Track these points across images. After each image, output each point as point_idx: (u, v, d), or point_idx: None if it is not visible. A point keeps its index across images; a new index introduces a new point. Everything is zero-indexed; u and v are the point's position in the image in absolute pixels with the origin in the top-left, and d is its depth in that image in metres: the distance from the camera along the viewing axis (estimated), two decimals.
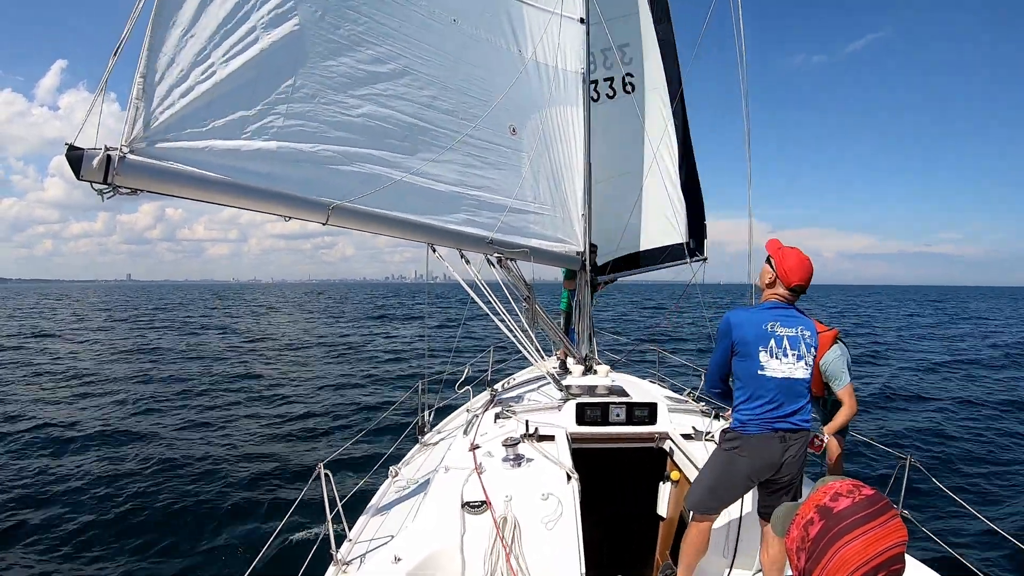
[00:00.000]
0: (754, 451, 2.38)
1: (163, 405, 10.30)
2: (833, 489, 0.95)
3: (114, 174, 2.00)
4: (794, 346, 2.37)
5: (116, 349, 18.37)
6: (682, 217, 5.74)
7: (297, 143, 2.73)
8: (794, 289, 2.43)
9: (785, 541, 1.01)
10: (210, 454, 7.37)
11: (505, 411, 3.57)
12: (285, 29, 2.61)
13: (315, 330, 26.11)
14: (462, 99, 3.76)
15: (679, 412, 3.62)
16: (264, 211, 2.60)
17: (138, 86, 2.07)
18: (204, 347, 19.16)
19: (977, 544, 4.96)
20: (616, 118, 5.82)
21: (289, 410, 9.96)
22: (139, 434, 8.36)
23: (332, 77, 2.89)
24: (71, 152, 1.92)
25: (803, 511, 0.97)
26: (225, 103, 2.37)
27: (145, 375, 13.41)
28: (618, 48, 5.67)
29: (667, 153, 5.75)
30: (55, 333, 24.20)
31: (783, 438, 2.37)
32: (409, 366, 14.80)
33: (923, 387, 12.26)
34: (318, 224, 2.83)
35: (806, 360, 2.38)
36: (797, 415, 2.38)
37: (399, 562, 2.11)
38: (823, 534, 0.91)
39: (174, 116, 2.19)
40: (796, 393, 2.38)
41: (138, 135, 2.09)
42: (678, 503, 3.18)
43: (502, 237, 3.96)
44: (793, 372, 2.36)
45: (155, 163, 2.15)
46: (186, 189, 2.28)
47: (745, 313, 2.44)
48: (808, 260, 2.41)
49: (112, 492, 6.07)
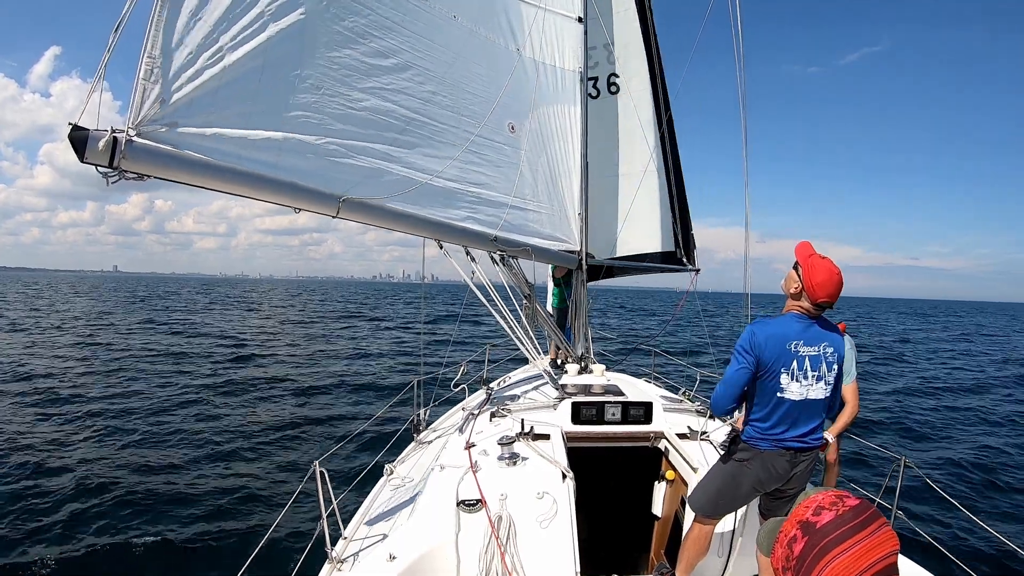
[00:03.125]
0: (763, 466, 2.36)
1: (154, 403, 10.09)
2: (815, 503, 0.90)
3: (120, 157, 1.93)
4: (815, 367, 2.27)
5: (105, 346, 17.94)
6: (667, 224, 5.75)
7: (303, 134, 2.69)
8: (820, 305, 2.27)
9: (771, 561, 0.96)
10: (204, 453, 7.24)
11: (501, 410, 3.56)
12: (292, 18, 2.58)
13: (310, 329, 25.81)
14: (462, 95, 3.76)
15: (674, 411, 3.64)
16: (274, 201, 2.55)
17: (146, 66, 2.00)
18: (195, 344, 18.82)
19: (974, 544, 5.07)
20: (600, 118, 5.71)
21: (284, 408, 9.84)
22: (131, 432, 8.17)
23: (336, 69, 2.86)
24: (75, 132, 1.84)
25: (786, 528, 0.92)
26: (233, 89, 2.32)
27: (134, 373, 13.12)
28: (603, 47, 5.63)
29: (652, 156, 5.71)
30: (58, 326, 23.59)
31: (793, 455, 2.35)
32: (405, 365, 14.71)
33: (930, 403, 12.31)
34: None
35: (826, 379, 2.30)
36: (811, 435, 2.35)
37: (394, 560, 2.11)
38: (808, 551, 0.85)
39: (182, 100, 2.13)
40: (812, 413, 2.32)
41: (146, 117, 2.03)
42: (673, 502, 3.19)
43: (505, 235, 3.97)
44: (810, 393, 2.28)
45: (163, 147, 2.08)
46: (194, 176, 2.22)
47: (770, 328, 2.29)
48: (839, 274, 2.24)
49: (104, 490, 5.93)
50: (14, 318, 26.76)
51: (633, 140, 5.71)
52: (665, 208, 5.82)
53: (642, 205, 5.80)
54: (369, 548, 2.33)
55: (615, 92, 5.75)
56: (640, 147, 5.71)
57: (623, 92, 5.74)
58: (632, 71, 5.74)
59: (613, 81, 5.75)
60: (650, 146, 5.70)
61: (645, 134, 5.69)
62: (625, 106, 5.73)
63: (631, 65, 5.74)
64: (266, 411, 9.65)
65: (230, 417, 9.20)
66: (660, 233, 5.83)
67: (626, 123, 5.69)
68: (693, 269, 5.81)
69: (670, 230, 5.83)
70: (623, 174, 5.84)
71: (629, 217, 5.84)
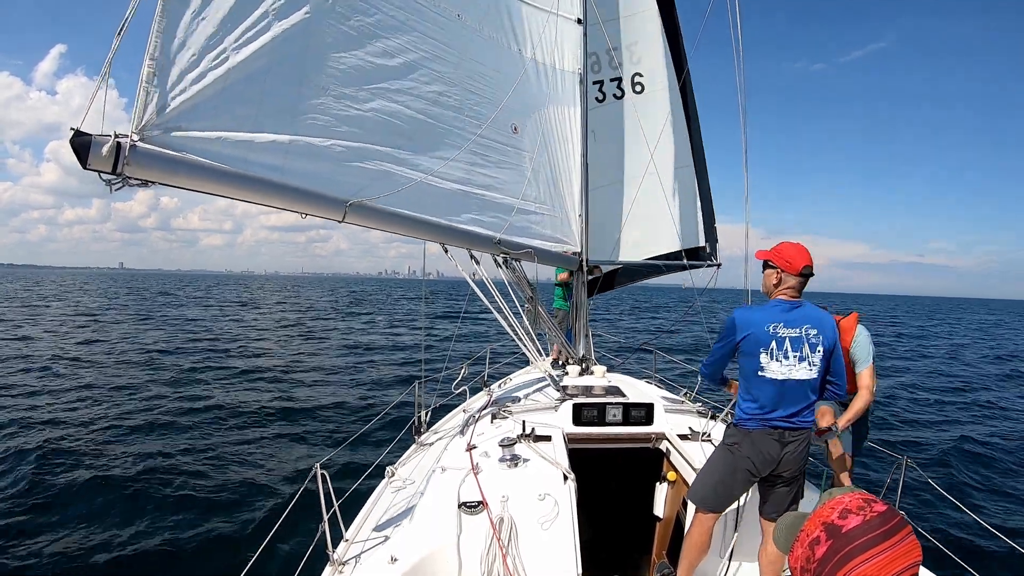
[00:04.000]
0: (752, 447, 2.44)
1: (155, 403, 10.05)
2: (842, 505, 0.86)
3: (124, 163, 1.89)
4: (796, 347, 2.37)
5: (103, 342, 17.87)
6: (696, 220, 5.70)
7: (309, 137, 2.66)
8: (803, 273, 2.41)
9: (788, 559, 0.92)
10: (205, 454, 7.21)
11: (502, 411, 3.56)
12: (296, 17, 2.54)
13: (311, 329, 25.76)
14: (467, 96, 3.74)
15: (676, 413, 3.64)
16: (280, 206, 2.52)
17: (149, 68, 1.97)
18: (197, 343, 18.77)
19: (973, 543, 5.09)
20: (624, 119, 5.71)
21: (285, 410, 9.78)
22: (132, 432, 8.13)
23: (342, 69, 2.83)
24: (77, 138, 1.80)
25: (808, 528, 0.89)
26: (238, 91, 2.29)
27: (134, 373, 13.08)
28: (626, 47, 5.59)
29: (679, 154, 5.67)
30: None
31: (781, 436, 2.42)
32: (406, 366, 14.68)
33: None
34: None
35: (810, 360, 2.38)
36: (798, 416, 2.42)
37: (395, 562, 2.11)
38: (831, 556, 0.82)
39: (186, 103, 2.09)
40: (798, 393, 2.40)
41: (149, 121, 1.99)
42: (674, 503, 3.20)
43: (508, 237, 3.97)
44: (793, 373, 2.38)
45: (168, 153, 2.05)
46: (199, 181, 2.19)
47: (750, 312, 2.46)
48: (803, 245, 2.46)
49: (104, 489, 5.90)
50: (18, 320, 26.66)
51: (658, 139, 5.59)
52: (688, 204, 5.75)
53: (666, 205, 5.69)
54: (370, 550, 2.33)
55: (640, 92, 5.70)
56: (661, 146, 5.61)
57: (648, 92, 5.69)
58: (656, 68, 5.68)
59: (638, 81, 5.70)
60: (682, 142, 5.67)
61: (670, 132, 5.62)
62: (649, 105, 5.66)
63: (655, 63, 5.67)
64: (267, 412, 9.62)
65: (231, 418, 9.17)
66: (682, 230, 5.74)
67: (649, 123, 5.59)
68: (714, 264, 5.76)
69: (692, 227, 5.75)
70: (648, 174, 5.69)
71: (652, 218, 5.76)
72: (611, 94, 5.75)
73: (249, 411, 9.66)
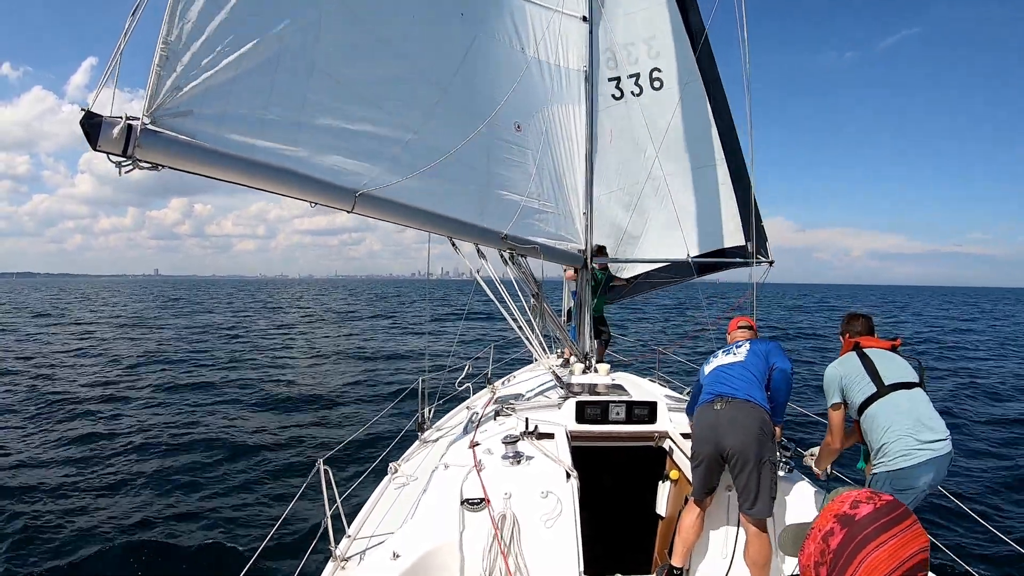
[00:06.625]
0: (700, 421, 2.79)
1: (160, 399, 10.05)
2: (851, 498, 0.94)
3: (135, 146, 1.89)
4: (727, 353, 3.04)
5: (116, 343, 17.85)
6: (720, 220, 5.52)
7: (318, 126, 2.64)
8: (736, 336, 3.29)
9: (800, 559, 0.99)
10: (209, 450, 7.20)
11: (505, 408, 3.55)
12: (308, 7, 2.53)
13: (319, 327, 25.73)
14: (472, 94, 3.75)
15: (679, 411, 3.63)
16: (289, 194, 2.51)
17: (161, 52, 1.96)
18: (203, 342, 18.74)
19: (974, 545, 5.07)
20: (643, 115, 5.52)
21: (289, 406, 9.80)
22: (136, 429, 8.13)
23: (354, 59, 2.83)
24: (88, 119, 1.80)
25: (819, 523, 0.95)
26: (250, 78, 2.28)
27: (142, 371, 13.07)
28: (643, 42, 5.48)
29: (705, 151, 5.52)
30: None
31: (715, 402, 2.75)
32: (410, 363, 14.67)
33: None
34: (345, 218, 2.77)
35: (736, 355, 2.96)
36: (728, 385, 2.79)
37: (397, 559, 2.10)
38: (847, 542, 0.88)
39: (198, 88, 2.08)
40: (730, 371, 2.88)
41: (160, 105, 1.98)
42: (677, 502, 3.19)
43: (515, 233, 3.97)
44: (724, 362, 2.96)
45: (179, 137, 2.04)
46: (208, 166, 2.18)
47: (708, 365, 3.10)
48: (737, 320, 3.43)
49: (106, 488, 5.89)
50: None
51: (687, 134, 5.48)
52: (730, 200, 5.56)
53: (690, 203, 5.61)
54: (373, 546, 2.33)
55: (658, 88, 5.53)
56: (691, 142, 5.50)
57: (667, 87, 5.52)
58: (676, 63, 5.50)
59: (656, 76, 5.53)
60: (703, 140, 5.50)
61: (695, 126, 5.47)
62: (669, 100, 5.50)
63: (672, 58, 5.50)
64: (271, 409, 9.62)
65: (235, 415, 9.17)
66: (719, 229, 5.61)
67: (669, 119, 5.46)
68: (766, 260, 5.43)
69: (720, 226, 5.59)
70: (669, 172, 5.55)
71: (685, 217, 5.57)
72: (629, 91, 5.59)
73: (252, 408, 9.67)
